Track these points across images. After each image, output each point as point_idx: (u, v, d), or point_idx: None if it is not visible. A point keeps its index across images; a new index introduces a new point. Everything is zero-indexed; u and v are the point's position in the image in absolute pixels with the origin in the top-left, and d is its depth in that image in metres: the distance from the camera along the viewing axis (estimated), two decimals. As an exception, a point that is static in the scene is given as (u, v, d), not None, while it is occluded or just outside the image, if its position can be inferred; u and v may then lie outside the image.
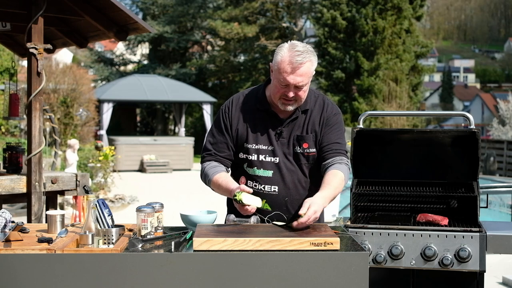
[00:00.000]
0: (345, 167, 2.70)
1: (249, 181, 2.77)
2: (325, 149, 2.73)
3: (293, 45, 2.63)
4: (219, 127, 2.81)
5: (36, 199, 4.54)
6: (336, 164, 2.69)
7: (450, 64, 70.88)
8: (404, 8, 24.98)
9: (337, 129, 2.78)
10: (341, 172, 2.65)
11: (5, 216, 2.46)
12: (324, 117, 2.76)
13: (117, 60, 31.14)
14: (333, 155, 2.72)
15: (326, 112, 2.77)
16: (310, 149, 2.75)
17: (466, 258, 2.95)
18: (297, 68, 2.58)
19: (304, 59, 2.59)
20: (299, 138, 2.74)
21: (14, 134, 16.50)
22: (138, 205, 5.56)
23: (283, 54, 2.61)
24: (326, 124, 2.75)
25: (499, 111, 27.85)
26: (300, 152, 2.74)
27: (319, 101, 2.79)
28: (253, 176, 2.76)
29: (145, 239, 2.31)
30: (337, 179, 2.62)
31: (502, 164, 20.10)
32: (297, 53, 2.59)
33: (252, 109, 2.77)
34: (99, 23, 4.87)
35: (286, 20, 29.23)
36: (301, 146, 2.73)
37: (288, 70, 2.59)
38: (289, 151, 2.75)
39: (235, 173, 2.85)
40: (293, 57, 2.58)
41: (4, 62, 15.82)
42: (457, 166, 3.46)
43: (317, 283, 2.15)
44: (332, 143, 2.74)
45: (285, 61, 2.59)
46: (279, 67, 2.61)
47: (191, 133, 25.60)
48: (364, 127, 3.45)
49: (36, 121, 4.53)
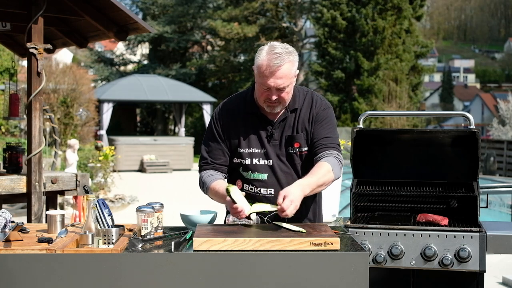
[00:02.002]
0: (333, 159, 2.66)
1: (245, 185, 2.77)
2: (316, 144, 2.72)
3: (271, 47, 2.61)
4: (212, 135, 2.80)
5: (36, 199, 4.54)
6: (325, 157, 2.67)
7: (450, 64, 70.89)
8: (404, 8, 24.98)
9: (327, 123, 2.75)
10: (328, 164, 2.62)
11: (5, 216, 2.46)
12: (313, 114, 2.74)
13: (117, 60, 31.14)
14: (323, 149, 2.70)
15: (315, 108, 2.75)
16: (302, 148, 2.74)
17: (466, 258, 2.95)
18: (276, 71, 2.57)
19: (282, 61, 2.57)
20: (290, 139, 2.73)
21: (14, 134, 16.51)
22: (138, 205, 5.57)
23: (262, 57, 2.59)
24: (316, 120, 2.74)
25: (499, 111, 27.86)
26: (293, 152, 2.73)
27: (308, 98, 2.78)
28: (249, 179, 2.75)
29: (145, 239, 2.31)
30: (322, 169, 2.60)
31: (502, 164, 20.10)
32: (275, 55, 2.56)
33: (242, 114, 2.76)
34: (99, 23, 4.87)
35: (286, 20, 29.24)
36: (293, 146, 2.73)
37: (267, 73, 2.58)
38: (282, 152, 2.73)
39: (232, 178, 2.83)
40: (271, 60, 2.56)
41: (4, 62, 15.83)
42: (457, 166, 3.46)
43: (317, 283, 2.15)
44: (322, 138, 2.72)
45: (263, 65, 2.58)
46: (259, 71, 2.61)
47: (191, 133, 25.59)
48: (364, 127, 3.45)
49: (36, 121, 4.53)
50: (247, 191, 2.73)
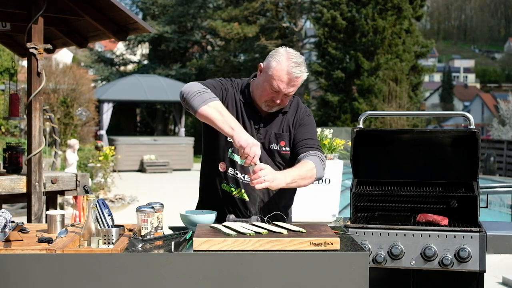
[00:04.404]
0: (317, 159, 2.71)
1: (231, 168, 2.79)
2: (299, 144, 2.78)
3: (289, 54, 2.66)
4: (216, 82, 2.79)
5: (36, 199, 4.54)
6: (309, 156, 2.72)
7: (450, 64, 70.91)
8: (404, 8, 24.99)
9: (311, 127, 2.84)
10: (312, 162, 2.67)
11: (5, 216, 2.46)
12: (298, 118, 2.83)
13: (117, 60, 31.15)
14: (307, 149, 2.75)
15: (300, 113, 2.84)
16: (286, 148, 2.80)
17: (466, 258, 2.95)
18: (293, 81, 2.65)
19: (300, 72, 2.65)
20: (277, 136, 2.79)
21: (14, 134, 16.52)
22: (138, 205, 5.56)
23: (281, 61, 2.64)
24: (300, 124, 2.82)
25: (499, 111, 27.88)
26: (275, 150, 2.79)
27: (294, 103, 2.86)
28: (234, 163, 2.77)
29: (145, 239, 2.31)
30: (305, 165, 2.65)
31: (502, 164, 20.11)
32: (294, 64, 2.64)
33: (237, 99, 2.80)
34: (99, 23, 4.87)
35: (286, 20, 29.24)
36: (278, 143, 2.78)
37: (284, 79, 2.63)
38: (265, 146, 2.78)
39: (216, 158, 2.82)
40: (291, 68, 2.63)
41: (4, 62, 15.84)
42: (457, 166, 3.46)
43: (317, 283, 2.15)
44: (305, 139, 2.79)
45: (282, 70, 2.63)
46: (274, 74, 2.64)
47: (191, 133, 25.59)
48: (364, 127, 3.45)
49: (36, 121, 4.53)
50: (232, 175, 2.78)
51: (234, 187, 2.77)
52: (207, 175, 2.90)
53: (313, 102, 31.00)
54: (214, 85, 2.78)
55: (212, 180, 2.84)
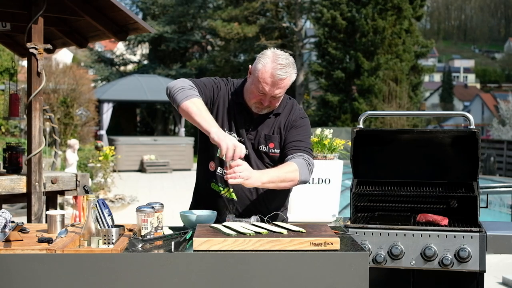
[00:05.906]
0: (303, 161, 2.68)
1: (219, 168, 2.79)
2: (287, 146, 2.76)
3: (276, 56, 2.64)
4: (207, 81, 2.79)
5: (36, 199, 4.54)
6: (294, 158, 2.70)
7: (450, 64, 70.89)
8: (404, 8, 25.00)
9: (303, 130, 2.81)
10: (296, 165, 2.65)
11: (5, 216, 2.46)
12: (290, 120, 2.80)
13: (117, 60, 31.16)
14: (295, 151, 2.73)
15: (293, 115, 2.81)
16: (275, 150, 2.78)
17: (466, 258, 2.95)
18: (278, 82, 2.62)
19: (285, 73, 2.62)
20: (267, 137, 2.77)
21: (14, 134, 16.52)
22: (138, 205, 5.57)
23: (266, 63, 2.62)
24: (292, 126, 2.79)
25: (499, 111, 27.89)
26: (264, 151, 2.77)
27: (288, 106, 2.84)
28: (223, 162, 2.74)
29: (145, 239, 2.31)
30: (287, 166, 2.63)
31: (502, 164, 20.12)
32: (279, 66, 2.61)
33: (230, 99, 2.80)
34: (99, 23, 4.87)
35: (286, 20, 29.24)
36: (267, 145, 2.77)
37: (268, 81, 2.62)
38: (255, 147, 2.78)
39: (208, 158, 2.83)
40: (275, 70, 2.60)
41: (4, 62, 15.84)
42: (457, 166, 3.45)
43: (317, 283, 2.15)
44: (296, 141, 2.76)
45: (267, 72, 2.61)
46: (259, 76, 2.63)
47: (191, 133, 25.55)
48: (364, 127, 3.45)
49: (36, 121, 4.53)
50: (221, 175, 2.78)
51: (223, 187, 2.78)
52: (199, 174, 2.91)
53: (313, 102, 31.02)
54: (205, 83, 2.78)
55: (203, 179, 2.86)
